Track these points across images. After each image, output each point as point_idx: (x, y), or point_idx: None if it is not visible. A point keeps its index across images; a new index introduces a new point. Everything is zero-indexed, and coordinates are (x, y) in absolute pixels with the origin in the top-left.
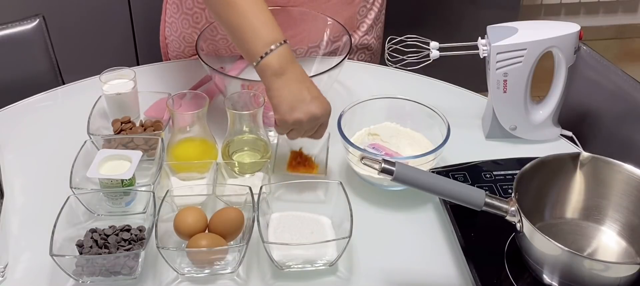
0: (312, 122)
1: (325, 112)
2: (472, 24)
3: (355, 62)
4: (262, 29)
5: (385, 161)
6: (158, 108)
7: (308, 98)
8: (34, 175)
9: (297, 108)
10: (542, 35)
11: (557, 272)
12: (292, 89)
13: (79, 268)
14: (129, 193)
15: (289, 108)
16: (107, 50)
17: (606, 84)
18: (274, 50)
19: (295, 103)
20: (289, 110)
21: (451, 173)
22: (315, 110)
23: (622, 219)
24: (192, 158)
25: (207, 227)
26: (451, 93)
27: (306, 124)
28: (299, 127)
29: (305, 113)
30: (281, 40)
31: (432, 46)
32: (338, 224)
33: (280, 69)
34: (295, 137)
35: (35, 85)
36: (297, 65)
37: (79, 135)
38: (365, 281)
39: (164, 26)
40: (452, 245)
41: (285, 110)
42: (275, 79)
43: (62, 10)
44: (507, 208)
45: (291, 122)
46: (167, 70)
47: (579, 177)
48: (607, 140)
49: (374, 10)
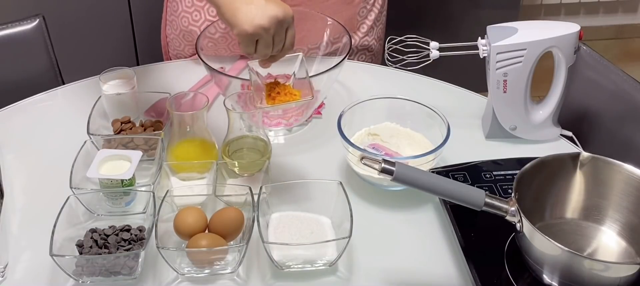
0: (275, 27)
1: (286, 13)
2: (472, 24)
3: (355, 62)
4: None
5: (385, 161)
6: (158, 108)
7: (262, 1)
8: (34, 175)
9: (254, 15)
10: (542, 35)
11: (557, 272)
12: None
13: (79, 268)
14: (129, 193)
15: (245, 17)
16: (107, 50)
17: (606, 84)
18: None
19: (251, 9)
20: (245, 19)
21: (451, 173)
22: (273, 11)
23: (622, 219)
24: (192, 158)
25: (207, 227)
26: (451, 93)
27: (269, 30)
28: (263, 37)
29: (265, 16)
30: None
31: (432, 46)
32: (338, 224)
33: None
34: (264, 51)
35: (35, 85)
36: None
37: (79, 135)
38: (365, 281)
39: (164, 25)
40: (452, 245)
41: (242, 20)
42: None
43: (62, 10)
44: (507, 208)
45: (252, 32)
46: (167, 70)
47: (579, 177)
48: (607, 140)
49: (374, 11)
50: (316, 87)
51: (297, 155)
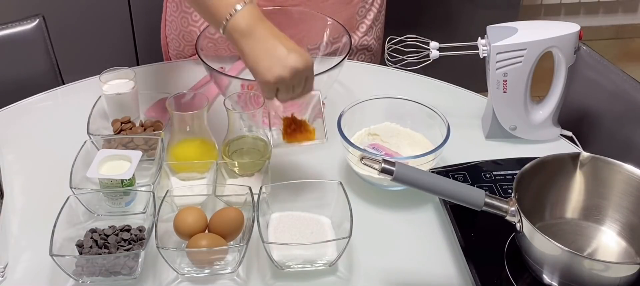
0: (295, 77)
1: (307, 63)
2: (472, 24)
3: (355, 62)
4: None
5: (385, 161)
6: (158, 108)
7: (284, 52)
8: (34, 175)
9: (275, 65)
10: (542, 35)
11: (557, 272)
12: (267, 46)
13: (79, 268)
14: (129, 193)
15: (268, 67)
16: (107, 50)
17: (606, 84)
18: (239, 10)
19: (273, 60)
20: (267, 69)
21: (451, 173)
22: (294, 62)
23: (622, 219)
24: (192, 158)
25: (207, 227)
26: (451, 93)
27: (290, 80)
28: (284, 86)
29: (285, 68)
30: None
31: (432, 46)
32: (338, 224)
33: (249, 28)
34: (285, 98)
35: (35, 85)
36: (266, 22)
37: (79, 135)
38: (365, 281)
39: (164, 25)
40: (452, 245)
41: (264, 70)
42: (246, 40)
43: (62, 10)
44: (507, 208)
45: (273, 81)
46: (167, 70)
47: (579, 177)
48: (607, 140)
49: (373, 10)
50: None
51: (297, 155)
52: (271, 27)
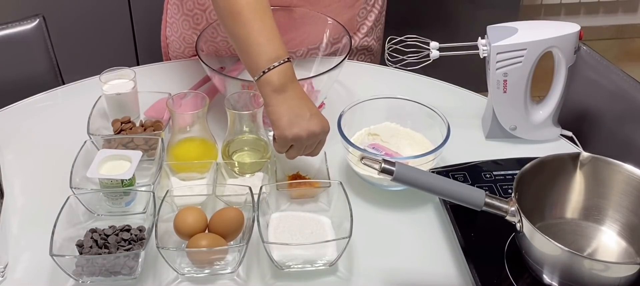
0: (311, 139)
1: (324, 130)
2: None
3: (355, 63)
4: (266, 44)
5: (385, 161)
6: (158, 108)
7: (307, 115)
8: (34, 175)
9: (296, 124)
10: (542, 35)
11: (557, 272)
12: (292, 105)
13: (79, 268)
14: (129, 193)
15: (288, 124)
16: (107, 50)
17: (606, 84)
18: (276, 67)
19: (295, 119)
20: (288, 125)
21: (451, 173)
22: (314, 127)
23: (622, 219)
24: (192, 158)
25: (207, 227)
26: (451, 93)
27: (305, 141)
28: (298, 144)
29: (304, 129)
30: (284, 58)
31: (432, 46)
32: (338, 224)
33: (281, 85)
34: (294, 155)
35: (35, 85)
36: (297, 84)
37: (79, 135)
38: (365, 281)
39: (164, 26)
40: (452, 245)
41: (285, 126)
42: (274, 95)
43: (62, 10)
44: (507, 208)
45: (290, 138)
46: (167, 70)
47: (579, 177)
48: (607, 140)
49: (374, 12)
50: (316, 87)
51: None
52: (300, 90)
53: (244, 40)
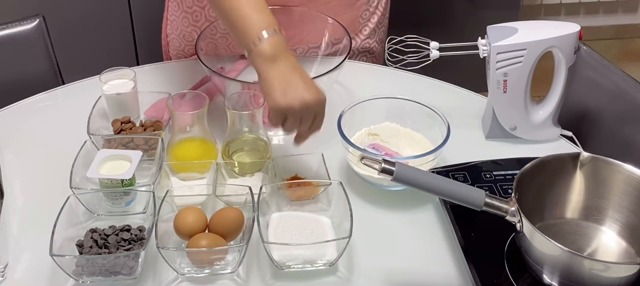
0: (305, 110)
1: (319, 100)
2: (472, 24)
3: (355, 63)
4: (255, 15)
5: (385, 161)
6: (158, 108)
7: (301, 85)
8: (34, 175)
9: (289, 94)
10: (542, 35)
11: (557, 272)
12: (285, 76)
13: (79, 268)
14: (129, 193)
15: (282, 93)
16: (107, 50)
17: (606, 84)
18: (267, 37)
19: (288, 89)
20: (281, 95)
21: (451, 173)
22: (308, 97)
23: (622, 219)
24: (192, 158)
25: (207, 227)
26: (451, 93)
27: (299, 112)
28: (292, 115)
29: (298, 99)
30: (275, 27)
31: (432, 46)
32: (338, 224)
33: (273, 55)
34: (290, 128)
35: (35, 85)
36: (290, 53)
37: (79, 135)
38: (365, 281)
39: (166, 24)
40: (452, 245)
41: (278, 95)
42: (267, 65)
43: (62, 10)
44: (507, 208)
45: (284, 107)
46: (167, 70)
47: (579, 177)
48: (607, 140)
49: (377, 14)
50: None
51: (297, 155)
52: (294, 60)
53: (231, 12)
